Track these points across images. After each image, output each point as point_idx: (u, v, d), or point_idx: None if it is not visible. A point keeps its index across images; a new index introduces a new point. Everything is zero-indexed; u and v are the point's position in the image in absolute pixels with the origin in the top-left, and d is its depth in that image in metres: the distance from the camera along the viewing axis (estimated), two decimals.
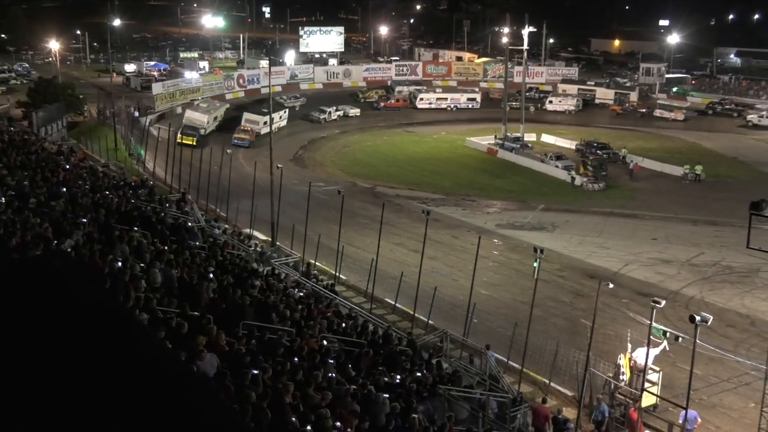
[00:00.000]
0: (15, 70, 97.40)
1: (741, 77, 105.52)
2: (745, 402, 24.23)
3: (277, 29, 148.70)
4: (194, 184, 43.44)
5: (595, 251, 39.44)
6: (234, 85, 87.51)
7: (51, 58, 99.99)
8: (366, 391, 14.68)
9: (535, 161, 60.67)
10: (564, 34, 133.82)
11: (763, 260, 27.99)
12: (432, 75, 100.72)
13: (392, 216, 39.21)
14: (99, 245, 17.08)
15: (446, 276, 33.24)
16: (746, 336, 28.84)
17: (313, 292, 25.65)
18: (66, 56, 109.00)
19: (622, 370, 24.31)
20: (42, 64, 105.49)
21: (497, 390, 21.54)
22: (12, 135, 37.99)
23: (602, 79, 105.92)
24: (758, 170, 59.28)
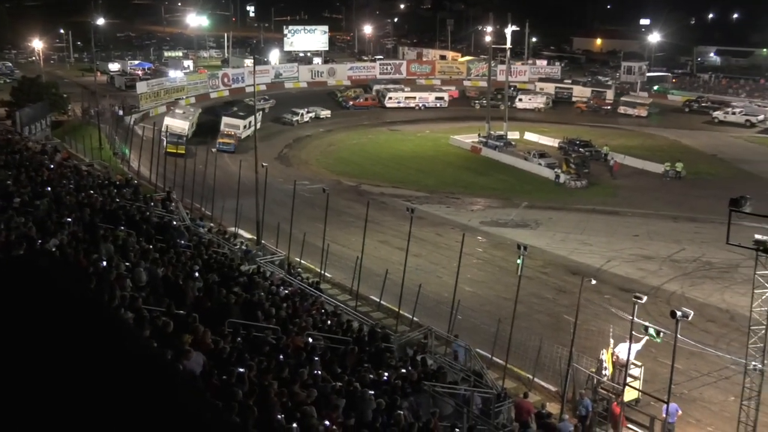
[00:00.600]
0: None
1: (721, 76, 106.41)
2: (725, 395, 24.43)
3: (261, 28, 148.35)
4: (179, 183, 43.24)
5: (577, 248, 39.62)
6: (219, 84, 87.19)
7: (34, 57, 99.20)
8: (352, 388, 14.68)
9: (518, 159, 60.85)
10: (546, 33, 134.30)
11: (742, 256, 28.12)
12: (416, 74, 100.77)
13: (377, 214, 39.24)
14: (84, 244, 16.99)
15: (431, 273, 33.30)
16: (726, 331, 29.06)
17: (299, 290, 25.62)
18: (50, 55, 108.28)
19: (604, 365, 24.44)
20: (25, 63, 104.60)
21: (481, 386, 21.59)
22: None
23: (584, 77, 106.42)
24: (738, 167, 59.78)
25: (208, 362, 12.45)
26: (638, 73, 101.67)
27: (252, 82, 59.37)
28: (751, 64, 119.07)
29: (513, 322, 25.30)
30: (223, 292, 18.13)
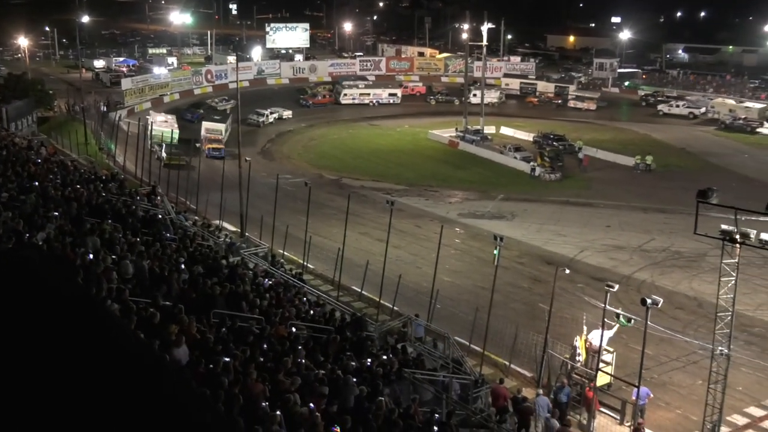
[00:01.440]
0: None
1: (688, 72, 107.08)
2: (694, 379, 24.68)
3: (243, 26, 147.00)
4: (164, 178, 42.99)
5: (552, 238, 39.82)
6: (202, 80, 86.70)
7: (20, 54, 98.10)
8: (334, 376, 14.70)
9: (494, 153, 61.00)
10: (521, 31, 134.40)
11: (709, 245, 28.41)
12: (395, 70, 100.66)
13: (358, 207, 39.22)
14: (71, 238, 16.88)
15: (410, 264, 33.35)
16: (694, 317, 29.34)
17: (282, 281, 25.57)
18: (35, 52, 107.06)
19: (578, 352, 24.61)
20: (11, 60, 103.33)
21: (460, 372, 21.69)
22: None
23: (558, 73, 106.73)
24: (705, 160, 60.27)
25: (193, 352, 12.43)
26: (610, 70, 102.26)
27: (235, 78, 59.17)
28: (718, 60, 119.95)
29: (490, 310, 25.41)
30: (208, 283, 18.07)
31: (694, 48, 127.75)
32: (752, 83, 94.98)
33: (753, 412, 23.62)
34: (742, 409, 23.50)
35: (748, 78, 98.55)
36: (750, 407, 23.80)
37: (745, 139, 70.40)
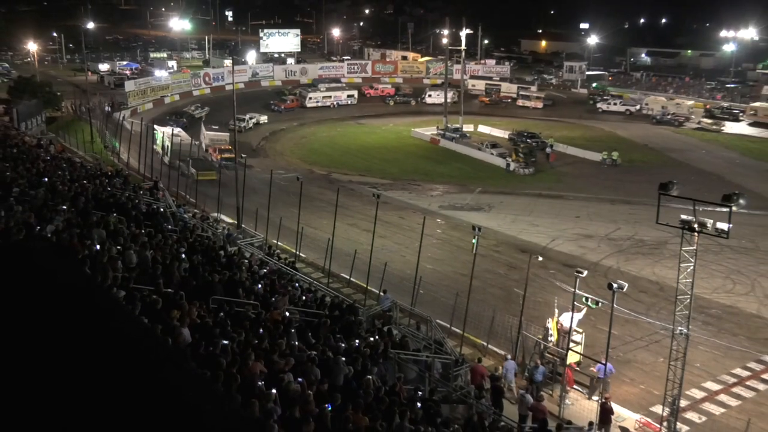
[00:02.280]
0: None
1: (651, 74, 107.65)
2: (656, 357, 24.90)
3: (239, 31, 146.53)
4: (165, 173, 42.84)
5: (526, 228, 39.94)
6: (201, 82, 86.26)
7: (29, 58, 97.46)
8: (325, 357, 14.71)
9: (473, 149, 61.08)
10: (497, 36, 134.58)
11: (670, 234, 28.58)
12: (380, 72, 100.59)
13: (346, 200, 39.12)
14: (78, 230, 16.76)
15: (395, 253, 33.36)
16: (656, 300, 29.54)
17: (276, 269, 25.52)
18: (43, 56, 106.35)
19: (550, 332, 24.75)
20: (21, 63, 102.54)
21: (441, 353, 21.75)
22: None
23: (531, 75, 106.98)
24: (666, 156, 60.65)
25: (194, 335, 12.41)
26: (578, 72, 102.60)
27: (231, 80, 58.81)
28: (678, 63, 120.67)
29: (469, 295, 25.49)
30: (207, 271, 18.04)
31: (656, 52, 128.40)
32: (709, 84, 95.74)
33: (710, 386, 23.85)
34: (700, 384, 23.73)
35: (706, 80, 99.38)
36: (707, 382, 24.03)
37: (702, 136, 70.89)
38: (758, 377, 24.49)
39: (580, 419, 20.89)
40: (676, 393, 20.51)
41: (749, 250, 36.25)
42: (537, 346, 24.79)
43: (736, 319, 28.91)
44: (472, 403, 19.04)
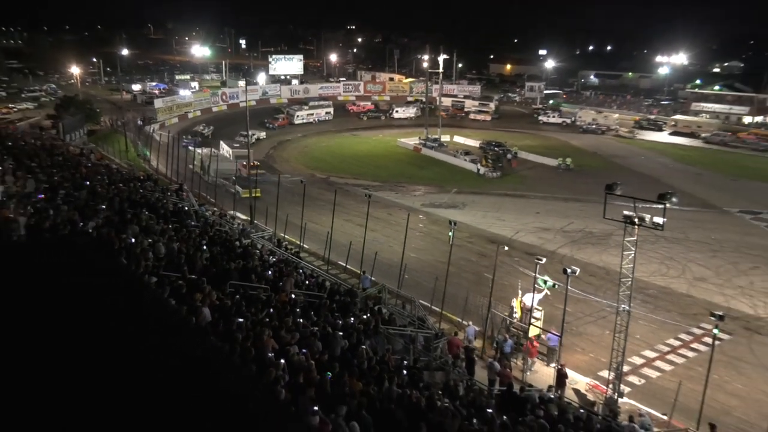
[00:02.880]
0: (44, 90, 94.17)
1: (598, 92, 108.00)
2: (603, 330, 25.06)
3: (251, 56, 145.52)
4: (189, 177, 42.63)
5: (494, 223, 40.05)
6: (219, 100, 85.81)
7: (73, 80, 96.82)
8: (325, 332, 14.71)
9: (449, 156, 61.07)
10: (469, 60, 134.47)
11: (614, 227, 28.67)
12: (371, 92, 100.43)
13: (342, 199, 39.05)
14: (115, 226, 16.68)
15: (384, 244, 33.34)
16: (603, 283, 29.71)
17: (284, 258, 25.48)
18: (85, 78, 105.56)
19: (514, 310, 24.90)
20: (66, 85, 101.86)
21: (423, 328, 21.79)
22: (43, 141, 36.69)
23: (498, 94, 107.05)
24: (611, 161, 60.92)
25: (213, 315, 12.38)
26: (538, 91, 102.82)
27: (245, 98, 58.42)
28: (621, 83, 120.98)
29: (446, 279, 25.56)
30: (224, 260, 17.98)
31: (602, 74, 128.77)
32: (646, 101, 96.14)
33: (647, 354, 24.07)
34: (639, 352, 23.96)
35: (644, 97, 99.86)
36: (645, 350, 24.25)
37: (641, 144, 71.32)
38: (688, 346, 24.73)
39: (540, 383, 21.01)
40: (619, 360, 20.67)
41: (680, 240, 36.53)
42: (504, 321, 24.93)
43: (669, 297, 29.16)
44: (449, 370, 19.10)
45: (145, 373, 2.54)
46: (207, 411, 2.23)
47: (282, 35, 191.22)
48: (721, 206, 44.96)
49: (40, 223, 14.30)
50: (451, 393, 15.41)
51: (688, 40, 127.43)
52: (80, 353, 2.64)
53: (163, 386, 2.42)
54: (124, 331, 2.82)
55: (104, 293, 3.13)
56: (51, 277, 3.28)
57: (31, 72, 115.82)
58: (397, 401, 11.81)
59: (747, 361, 23.60)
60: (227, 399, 2.54)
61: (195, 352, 2.96)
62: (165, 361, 2.68)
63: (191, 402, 2.35)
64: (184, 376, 2.62)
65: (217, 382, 2.81)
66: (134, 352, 2.68)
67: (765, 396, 21.35)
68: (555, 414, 15.38)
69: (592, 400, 20.69)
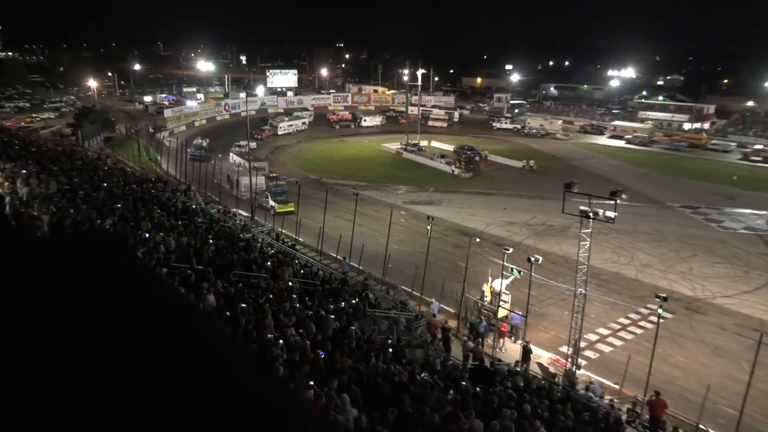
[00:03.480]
0: (64, 101, 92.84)
1: (558, 103, 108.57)
2: (562, 311, 25.25)
3: (250, 71, 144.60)
4: (196, 179, 42.24)
5: (467, 218, 40.16)
6: (222, 110, 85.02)
7: (90, 92, 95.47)
8: (318, 315, 14.68)
9: (427, 159, 61.08)
10: (445, 74, 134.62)
11: (572, 221, 28.81)
12: (357, 102, 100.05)
13: (333, 197, 38.88)
14: (130, 222, 16.52)
15: (370, 237, 33.32)
16: (562, 269, 29.92)
17: (281, 250, 25.38)
18: (101, 91, 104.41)
19: (485, 295, 25.01)
20: (84, 96, 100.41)
21: (405, 311, 21.83)
22: (64, 147, 36.18)
23: (470, 104, 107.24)
24: (569, 163, 61.29)
25: (219, 301, 12.30)
26: (505, 101, 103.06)
27: (245, 108, 57.91)
28: (577, 95, 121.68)
29: (425, 268, 25.62)
30: (228, 252, 17.88)
31: (561, 86, 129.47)
32: (599, 110, 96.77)
33: (601, 331, 24.29)
34: (594, 330, 24.16)
35: (597, 107, 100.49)
36: (599, 328, 24.48)
37: (593, 147, 71.86)
38: (636, 324, 25.00)
39: (508, 358, 21.15)
40: (577, 337, 20.86)
41: (629, 231, 36.89)
42: (476, 304, 25.05)
43: (620, 282, 29.44)
44: (428, 348, 19.17)
45: (156, 353, 2.52)
46: (213, 388, 2.22)
47: (278, 52, 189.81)
48: (665, 202, 45.49)
49: (62, 220, 14.12)
50: (430, 368, 15.46)
51: (635, 58, 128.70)
52: (100, 339, 2.61)
53: (173, 367, 2.40)
54: (139, 315, 2.80)
55: (122, 282, 3.10)
56: (73, 270, 3.24)
57: (52, 85, 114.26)
58: (383, 376, 11.83)
59: (687, 337, 23.93)
60: (231, 377, 2.52)
61: (202, 335, 2.94)
62: (176, 344, 2.65)
63: (199, 381, 2.33)
64: (192, 357, 2.61)
65: (223, 360, 2.79)
66: (149, 335, 2.66)
67: (703, 367, 21.67)
68: (521, 385, 15.48)
69: (554, 373, 20.86)
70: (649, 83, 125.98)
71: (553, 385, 17.83)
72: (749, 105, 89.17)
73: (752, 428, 17.56)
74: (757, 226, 39.06)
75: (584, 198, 20.16)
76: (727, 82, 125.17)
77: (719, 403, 18.63)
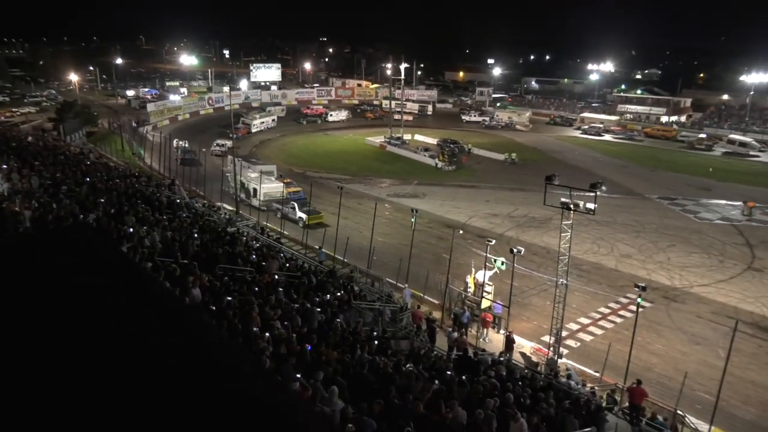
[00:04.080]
0: (45, 96, 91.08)
1: (539, 96, 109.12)
2: (544, 301, 25.46)
3: (234, 65, 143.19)
4: (180, 173, 41.79)
5: (450, 210, 40.25)
6: (205, 104, 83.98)
7: (71, 86, 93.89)
8: (304, 308, 14.65)
9: (411, 152, 61.07)
10: (427, 68, 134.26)
11: (553, 212, 29.09)
12: (341, 96, 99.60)
13: (317, 190, 38.84)
14: (113, 217, 16.30)
15: (355, 229, 33.28)
16: (544, 260, 30.16)
17: (266, 243, 25.25)
18: (83, 85, 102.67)
19: (468, 285, 25.13)
20: (65, 91, 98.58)
21: (390, 302, 21.87)
22: (46, 142, 35.53)
23: (452, 98, 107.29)
24: (550, 155, 61.68)
25: (204, 295, 12.21)
26: (487, 95, 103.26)
27: (229, 102, 57.32)
28: (558, 89, 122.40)
29: (410, 259, 25.68)
30: (213, 246, 17.74)
31: (542, 80, 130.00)
32: (579, 104, 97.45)
33: (582, 320, 24.57)
34: (575, 319, 24.41)
35: (577, 100, 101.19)
36: (580, 317, 24.75)
37: (574, 140, 72.41)
38: (616, 313, 25.32)
39: (491, 348, 21.30)
40: (558, 326, 21.06)
41: (609, 223, 37.28)
42: (459, 295, 25.16)
43: (600, 272, 29.76)
44: (413, 339, 19.24)
45: (142, 349, 2.49)
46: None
47: (262, 46, 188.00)
48: (643, 193, 46.05)
49: (44, 216, 13.89)
50: (416, 358, 15.53)
51: (613, 52, 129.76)
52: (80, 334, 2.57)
53: (158, 361, 2.37)
54: (125, 312, 2.75)
55: (106, 278, 3.05)
56: (55, 266, 3.17)
57: (32, 79, 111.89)
58: (368, 367, 11.85)
59: (665, 326, 24.30)
60: (218, 369, 2.50)
61: (187, 328, 2.90)
62: (161, 339, 2.62)
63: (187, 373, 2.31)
64: (178, 351, 2.58)
65: (208, 354, 2.77)
66: (133, 332, 2.62)
67: (681, 354, 22.03)
68: (504, 374, 15.63)
69: (536, 362, 21.06)
70: (627, 77, 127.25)
71: (536, 373, 18.02)
72: (724, 98, 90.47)
73: (728, 413, 17.94)
74: (732, 217, 39.74)
75: (565, 190, 20.30)
76: (703, 76, 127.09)
77: (696, 389, 18.98)
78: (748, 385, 19.91)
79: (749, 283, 28.54)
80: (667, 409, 17.34)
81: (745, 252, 32.94)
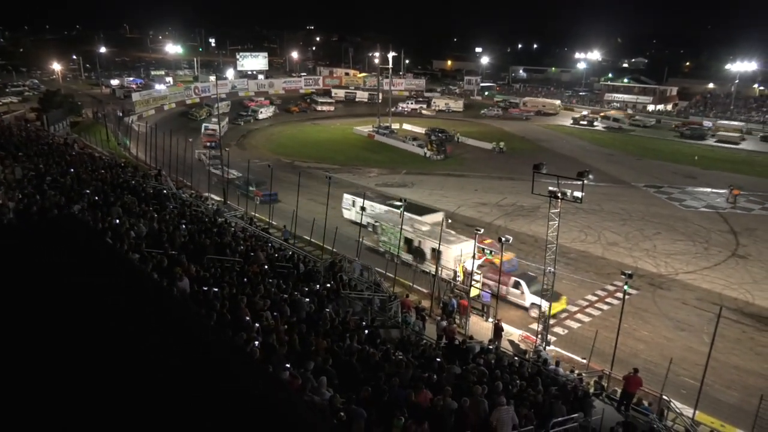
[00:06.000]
0: (27, 85, 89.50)
1: (527, 85, 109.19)
2: None
3: (220, 54, 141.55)
4: (167, 163, 41.38)
5: (439, 199, 40.26)
6: (192, 93, 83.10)
7: (54, 75, 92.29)
8: (293, 298, 14.63)
9: (399, 141, 60.97)
10: (415, 57, 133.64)
11: (541, 201, 29.24)
12: (329, 85, 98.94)
13: (306, 180, 38.58)
14: (99, 208, 16.13)
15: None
16: (532, 249, 30.37)
17: (255, 234, 25.14)
18: (66, 74, 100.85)
19: (457, 274, 25.24)
20: (48, 80, 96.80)
21: (379, 292, 21.92)
22: (29, 132, 35.01)
23: (441, 87, 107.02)
24: (538, 144, 61.87)
25: (193, 285, 12.15)
26: (475, 84, 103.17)
27: (216, 92, 56.65)
28: (545, 77, 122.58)
29: (398, 249, 25.65)
30: (201, 237, 17.63)
31: (529, 69, 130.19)
32: (567, 92, 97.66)
33: (569, 308, 24.79)
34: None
35: (564, 89, 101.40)
36: (568, 305, 24.95)
37: (562, 129, 72.64)
38: (603, 301, 25.57)
39: (480, 336, 21.43)
40: (546, 314, 21.24)
41: (596, 211, 37.55)
42: (448, 284, 25.27)
43: (587, 260, 30.00)
44: (402, 328, 19.30)
45: (131, 340, 2.46)
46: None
47: (248, 35, 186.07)
48: (629, 182, 46.40)
49: (29, 207, 13.72)
50: (405, 347, 15.59)
51: (600, 41, 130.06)
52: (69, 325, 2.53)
53: (148, 350, 2.35)
54: (112, 303, 2.72)
55: (92, 270, 3.01)
56: (39, 257, 3.13)
57: (14, 68, 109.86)
58: (358, 356, 11.88)
59: (651, 312, 24.60)
60: (209, 361, 2.48)
61: (176, 319, 2.88)
62: (149, 329, 2.59)
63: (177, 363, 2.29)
64: (166, 340, 2.55)
65: (196, 344, 2.75)
66: (122, 323, 2.59)
67: (666, 340, 22.33)
68: (493, 362, 15.75)
69: (524, 349, 21.25)
70: (614, 66, 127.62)
71: (524, 361, 18.18)
72: (710, 87, 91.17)
73: (712, 398, 18.23)
74: (717, 204, 40.19)
75: (553, 179, 20.39)
76: (689, 65, 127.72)
77: (681, 375, 19.25)
78: (732, 370, 20.25)
79: (733, 270, 28.93)
80: (652, 394, 17.57)
81: (729, 239, 33.36)
